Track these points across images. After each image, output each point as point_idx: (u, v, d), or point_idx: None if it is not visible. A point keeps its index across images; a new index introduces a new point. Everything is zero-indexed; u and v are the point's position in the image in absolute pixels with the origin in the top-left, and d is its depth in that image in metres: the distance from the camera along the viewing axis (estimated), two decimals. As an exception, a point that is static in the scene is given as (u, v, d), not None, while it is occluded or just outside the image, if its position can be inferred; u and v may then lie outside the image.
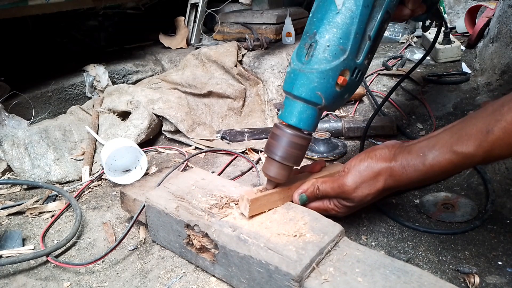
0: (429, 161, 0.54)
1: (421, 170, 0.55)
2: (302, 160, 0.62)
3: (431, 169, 0.54)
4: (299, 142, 0.60)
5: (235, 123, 1.22)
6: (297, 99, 0.58)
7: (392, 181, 0.58)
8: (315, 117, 0.59)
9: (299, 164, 0.63)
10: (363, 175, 0.59)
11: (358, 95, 1.20)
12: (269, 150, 0.61)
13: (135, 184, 0.77)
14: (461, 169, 0.55)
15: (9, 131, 1.01)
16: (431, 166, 0.54)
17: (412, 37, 1.64)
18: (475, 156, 0.50)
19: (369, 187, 0.59)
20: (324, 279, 0.48)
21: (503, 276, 0.57)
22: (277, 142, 0.60)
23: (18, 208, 0.83)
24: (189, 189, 0.67)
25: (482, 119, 0.50)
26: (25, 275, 0.66)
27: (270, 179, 0.62)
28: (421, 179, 0.56)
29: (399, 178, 0.57)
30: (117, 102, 1.15)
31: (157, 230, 0.67)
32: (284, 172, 0.61)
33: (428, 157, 0.54)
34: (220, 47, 1.40)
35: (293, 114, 0.59)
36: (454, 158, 0.51)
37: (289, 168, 0.61)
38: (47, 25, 1.55)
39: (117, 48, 1.70)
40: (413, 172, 0.56)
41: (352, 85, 0.59)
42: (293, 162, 0.61)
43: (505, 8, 1.19)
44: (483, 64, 1.24)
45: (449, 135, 0.53)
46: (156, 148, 1.10)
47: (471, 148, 0.50)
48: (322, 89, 0.56)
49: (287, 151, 0.59)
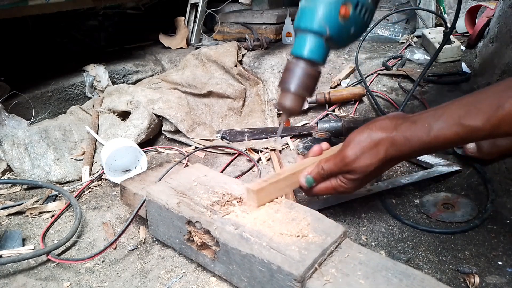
0: (434, 132, 0.54)
1: (424, 140, 0.55)
2: (314, 89, 0.66)
3: (435, 140, 0.54)
4: (311, 73, 0.63)
5: (235, 123, 1.22)
6: (304, 32, 0.62)
7: (394, 151, 0.58)
8: (323, 48, 0.62)
9: (312, 95, 0.66)
10: (362, 145, 0.60)
11: (358, 95, 1.20)
12: (283, 82, 0.64)
13: (135, 178, 0.77)
14: (465, 142, 0.56)
15: (9, 131, 1.01)
16: (435, 137, 0.54)
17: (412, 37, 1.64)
18: (482, 130, 0.50)
19: (370, 157, 0.59)
20: (326, 280, 0.48)
21: (503, 276, 0.57)
22: (291, 74, 0.63)
23: (18, 208, 0.83)
24: (190, 185, 0.67)
25: (493, 94, 0.50)
26: (25, 275, 0.66)
27: (285, 110, 0.65)
28: (424, 149, 0.56)
29: (401, 148, 0.57)
30: (117, 102, 1.15)
31: (157, 225, 0.67)
32: (299, 102, 0.64)
33: (434, 128, 0.54)
34: (220, 47, 1.40)
35: (302, 46, 0.62)
36: (461, 131, 0.52)
37: (303, 99, 0.65)
38: (47, 25, 1.55)
39: (117, 48, 1.70)
40: (417, 142, 0.55)
41: (358, 21, 0.62)
42: (306, 92, 0.64)
43: (505, 8, 1.19)
44: (483, 64, 1.24)
45: (457, 107, 0.53)
46: (156, 148, 1.10)
47: (479, 122, 0.50)
48: (326, 19, 0.60)
49: (301, 81, 0.63)
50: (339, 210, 0.75)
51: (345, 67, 1.42)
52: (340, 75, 1.38)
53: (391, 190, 0.78)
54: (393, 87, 1.27)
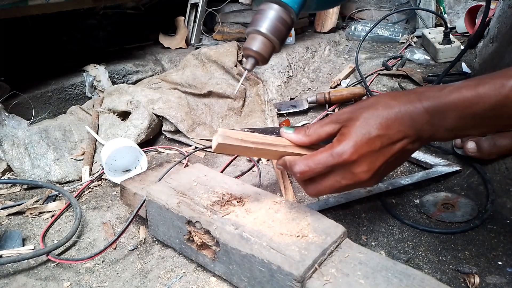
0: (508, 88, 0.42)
1: (495, 101, 0.43)
2: (285, 40, 0.61)
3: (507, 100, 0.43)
4: (284, 17, 0.58)
5: (235, 123, 1.22)
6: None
7: (429, 127, 0.47)
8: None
9: (282, 43, 0.60)
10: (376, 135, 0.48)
11: (358, 95, 1.20)
12: (253, 24, 0.59)
13: (135, 178, 0.77)
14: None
15: (9, 131, 1.01)
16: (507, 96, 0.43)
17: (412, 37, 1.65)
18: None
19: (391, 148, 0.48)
20: (326, 280, 0.48)
21: (503, 276, 0.57)
22: (263, 15, 0.58)
23: (18, 208, 0.83)
24: (190, 185, 0.67)
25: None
26: (25, 275, 0.66)
27: (252, 56, 0.59)
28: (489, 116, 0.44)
29: (444, 121, 0.46)
30: (117, 102, 1.15)
31: (157, 225, 0.67)
32: (268, 48, 0.58)
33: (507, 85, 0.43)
34: (220, 47, 1.40)
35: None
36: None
37: (273, 46, 0.59)
38: (47, 25, 1.55)
39: (117, 48, 1.70)
40: (483, 104, 0.43)
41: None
42: (277, 36, 0.58)
43: (505, 8, 1.19)
44: (483, 64, 1.24)
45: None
46: (156, 148, 1.10)
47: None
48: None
49: (273, 24, 0.57)
50: (339, 210, 0.75)
51: (345, 67, 1.42)
52: (340, 75, 1.38)
53: (391, 190, 0.78)
54: (393, 87, 1.27)
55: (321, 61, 1.47)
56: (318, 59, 1.52)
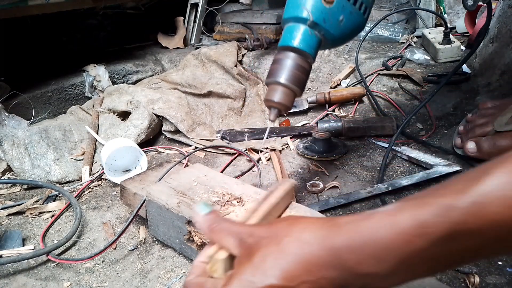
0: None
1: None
2: (305, 87, 0.61)
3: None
4: (302, 64, 0.58)
5: (235, 123, 1.22)
6: (289, 21, 0.60)
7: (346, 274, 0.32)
8: (309, 36, 0.58)
9: (303, 90, 0.60)
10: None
11: (358, 95, 1.20)
12: (271, 75, 0.59)
13: (135, 178, 0.77)
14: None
15: (9, 131, 1.01)
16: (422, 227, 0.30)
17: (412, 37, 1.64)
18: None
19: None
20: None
21: (503, 276, 0.57)
22: (280, 65, 0.58)
23: (18, 208, 0.83)
24: (190, 185, 0.67)
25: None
26: (25, 275, 0.66)
27: (274, 106, 0.58)
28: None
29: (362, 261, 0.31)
30: (117, 102, 1.15)
31: (157, 225, 0.67)
32: (289, 97, 0.58)
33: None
34: (220, 47, 1.40)
35: (288, 37, 0.59)
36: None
37: (294, 94, 0.58)
38: (47, 25, 1.55)
39: (117, 48, 1.70)
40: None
41: (347, 8, 0.58)
42: (297, 85, 0.58)
43: (505, 8, 1.19)
44: (483, 64, 1.24)
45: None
46: (156, 148, 1.10)
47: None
48: (307, 3, 0.57)
49: (292, 72, 0.57)
50: (339, 211, 0.75)
51: (345, 67, 1.42)
52: (340, 75, 1.38)
53: (391, 191, 0.78)
54: (393, 87, 1.27)
55: (321, 61, 1.46)
56: (318, 59, 1.52)
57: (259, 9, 1.67)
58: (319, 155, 0.95)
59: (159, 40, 1.66)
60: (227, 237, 0.39)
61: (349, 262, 0.31)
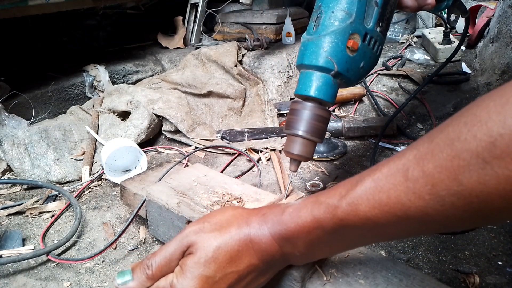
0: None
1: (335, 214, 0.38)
2: (324, 136, 0.60)
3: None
4: (321, 114, 0.57)
5: (235, 123, 1.22)
6: (309, 68, 0.57)
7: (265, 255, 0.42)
8: (331, 86, 0.57)
9: (323, 139, 0.59)
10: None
11: (358, 95, 1.20)
12: (290, 126, 0.58)
13: (135, 178, 0.77)
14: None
15: (9, 131, 1.01)
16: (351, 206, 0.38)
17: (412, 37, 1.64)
18: None
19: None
20: (326, 280, 0.48)
21: (503, 276, 0.57)
22: (298, 116, 0.57)
23: (18, 208, 0.83)
24: (190, 185, 0.67)
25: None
26: (25, 275, 0.66)
27: (294, 158, 0.58)
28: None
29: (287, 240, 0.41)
30: (117, 102, 1.15)
31: (157, 226, 0.67)
32: (309, 148, 0.57)
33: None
34: (220, 47, 1.40)
35: (308, 85, 0.57)
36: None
37: (314, 144, 0.58)
38: (47, 25, 1.55)
39: (117, 48, 1.70)
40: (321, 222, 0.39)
41: (367, 53, 0.57)
42: (317, 135, 0.57)
43: (505, 8, 1.19)
44: (483, 64, 1.24)
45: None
46: (156, 148, 1.10)
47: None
48: (332, 53, 0.55)
49: (311, 124, 0.56)
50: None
51: (345, 67, 1.42)
52: (340, 75, 1.38)
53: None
54: (393, 87, 1.27)
55: (321, 61, 1.47)
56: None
57: (259, 9, 1.67)
58: (319, 155, 0.95)
59: (159, 40, 1.67)
60: (169, 259, 0.43)
61: (275, 244, 0.41)
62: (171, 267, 0.42)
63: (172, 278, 0.41)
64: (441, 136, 0.31)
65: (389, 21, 0.60)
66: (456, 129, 0.29)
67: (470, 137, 0.28)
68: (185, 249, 0.42)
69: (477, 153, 0.27)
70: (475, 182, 0.28)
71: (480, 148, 0.27)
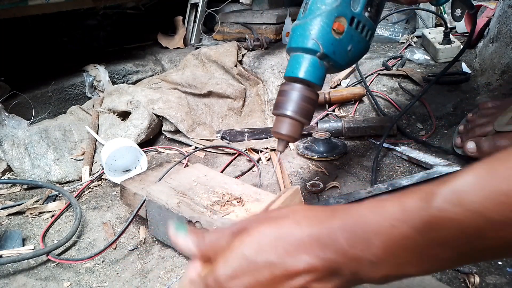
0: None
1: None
2: (312, 118, 0.60)
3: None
4: (309, 95, 0.57)
5: (235, 123, 1.22)
6: (297, 51, 0.58)
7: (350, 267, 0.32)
8: (317, 68, 0.57)
9: (310, 120, 0.59)
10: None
11: (358, 95, 1.20)
12: (278, 107, 0.58)
13: (136, 178, 0.77)
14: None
15: (9, 131, 1.01)
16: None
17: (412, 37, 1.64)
18: None
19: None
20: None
21: (503, 276, 0.57)
22: (286, 97, 0.58)
23: (18, 208, 0.83)
24: (190, 185, 0.67)
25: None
26: (25, 275, 0.66)
27: (281, 138, 0.59)
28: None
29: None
30: (117, 102, 1.16)
31: (157, 225, 0.67)
32: (297, 128, 0.58)
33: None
34: (220, 47, 1.40)
35: (296, 67, 0.58)
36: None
37: (301, 125, 0.58)
38: (47, 25, 1.55)
39: (117, 48, 1.70)
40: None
41: (355, 37, 0.57)
42: (305, 116, 0.58)
43: (505, 8, 1.19)
44: (483, 64, 1.24)
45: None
46: (156, 148, 1.10)
47: None
48: (318, 35, 0.56)
49: (299, 104, 0.57)
50: (339, 210, 0.75)
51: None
52: (340, 75, 1.38)
53: (392, 191, 0.78)
54: (393, 87, 1.27)
55: (321, 61, 1.47)
56: (318, 59, 1.52)
57: (259, 9, 1.67)
58: (319, 155, 0.95)
59: (159, 40, 1.66)
60: (220, 240, 0.37)
61: (342, 243, 0.32)
62: (222, 246, 0.36)
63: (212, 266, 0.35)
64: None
65: (379, 7, 0.61)
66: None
67: None
68: (235, 235, 0.36)
69: None
70: None
71: None
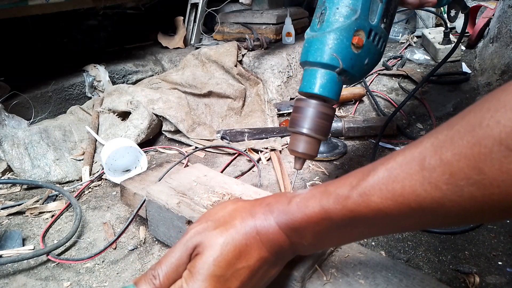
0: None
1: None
2: (329, 133, 0.59)
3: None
4: (325, 112, 0.56)
5: (235, 123, 1.22)
6: (313, 65, 0.56)
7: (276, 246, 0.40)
8: (335, 83, 0.56)
9: (327, 136, 0.58)
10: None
11: (358, 95, 1.20)
12: (294, 124, 0.57)
13: (136, 178, 0.77)
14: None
15: (9, 131, 1.01)
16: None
17: (412, 37, 1.64)
18: None
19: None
20: (326, 280, 0.48)
21: (503, 276, 0.57)
22: (302, 114, 0.56)
23: (18, 208, 0.83)
24: (190, 185, 0.67)
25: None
26: (25, 275, 0.66)
27: (298, 156, 0.58)
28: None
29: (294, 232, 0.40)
30: (117, 102, 1.16)
31: (157, 225, 0.67)
32: (314, 146, 0.57)
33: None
34: (220, 47, 1.40)
35: (312, 83, 0.56)
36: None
37: (318, 142, 0.58)
38: (47, 25, 1.55)
39: (117, 48, 1.70)
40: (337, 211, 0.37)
41: (372, 50, 0.56)
42: (321, 133, 0.57)
43: (505, 8, 1.19)
44: (483, 64, 1.24)
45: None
46: (156, 148, 1.10)
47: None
48: (337, 50, 0.54)
49: (315, 121, 0.56)
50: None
51: (345, 67, 1.42)
52: (340, 75, 1.38)
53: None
54: (393, 87, 1.27)
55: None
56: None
57: (259, 9, 1.67)
58: (319, 155, 0.95)
59: (159, 40, 1.67)
60: (175, 266, 0.40)
61: (283, 236, 0.40)
62: (179, 273, 0.40)
63: (181, 283, 0.39)
64: (462, 122, 0.29)
65: (392, 17, 0.60)
66: (478, 115, 0.27)
67: (493, 123, 0.26)
68: (191, 251, 0.40)
69: (500, 140, 0.26)
70: (497, 170, 0.26)
71: (504, 134, 0.25)
